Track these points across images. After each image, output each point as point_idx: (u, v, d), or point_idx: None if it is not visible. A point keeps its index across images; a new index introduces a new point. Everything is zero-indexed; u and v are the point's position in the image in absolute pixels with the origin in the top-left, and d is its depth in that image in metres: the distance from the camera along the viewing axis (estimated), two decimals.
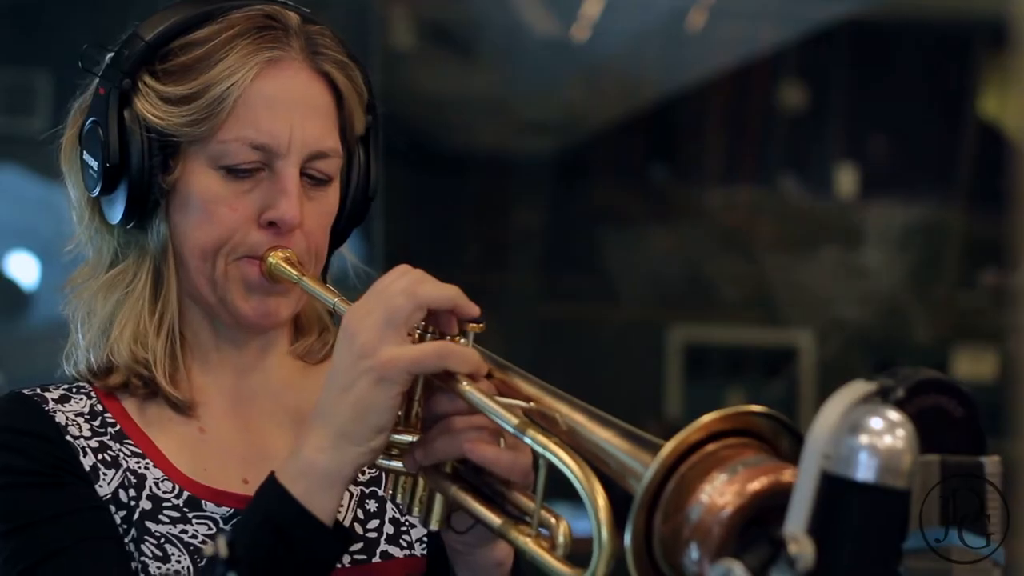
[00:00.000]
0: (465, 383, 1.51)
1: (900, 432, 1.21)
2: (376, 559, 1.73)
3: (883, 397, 1.25)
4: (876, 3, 6.57)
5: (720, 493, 1.29)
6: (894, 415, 1.22)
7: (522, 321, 6.49)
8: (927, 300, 6.78)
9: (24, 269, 5.66)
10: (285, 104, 1.69)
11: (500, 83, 6.33)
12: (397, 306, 1.52)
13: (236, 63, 1.68)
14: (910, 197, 6.86)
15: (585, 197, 6.93)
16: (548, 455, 1.44)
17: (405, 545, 1.75)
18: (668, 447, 1.30)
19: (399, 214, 5.66)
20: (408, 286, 1.53)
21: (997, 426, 4.09)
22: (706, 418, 1.32)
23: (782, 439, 1.34)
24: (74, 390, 1.75)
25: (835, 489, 1.21)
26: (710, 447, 1.32)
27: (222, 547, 1.39)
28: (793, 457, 1.32)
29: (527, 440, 1.46)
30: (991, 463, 1.28)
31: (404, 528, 1.76)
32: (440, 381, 1.54)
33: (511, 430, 1.47)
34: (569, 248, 6.84)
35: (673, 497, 1.31)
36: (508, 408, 1.49)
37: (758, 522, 1.29)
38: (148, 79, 1.71)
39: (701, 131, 7.03)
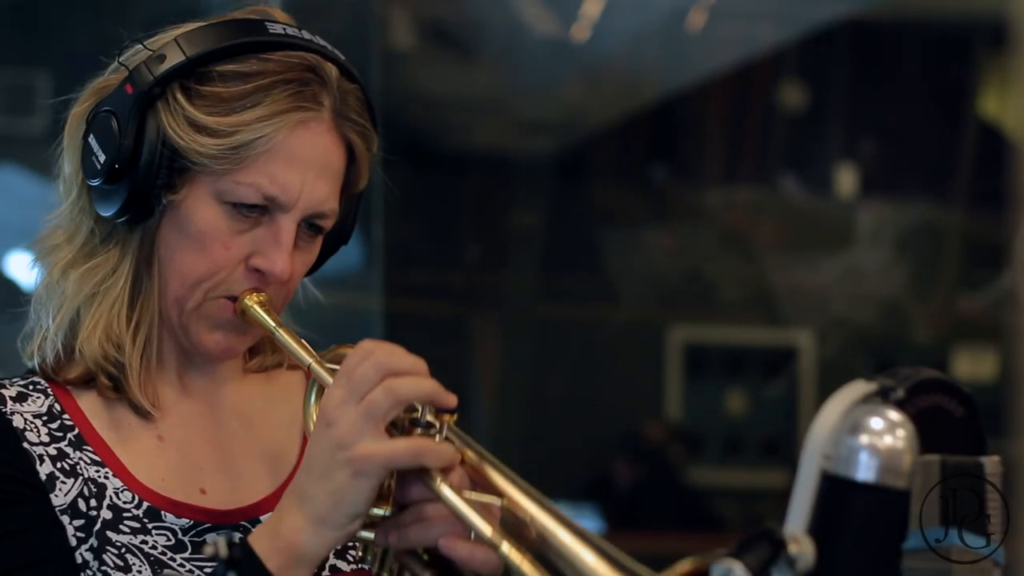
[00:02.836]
0: (439, 481, 1.54)
1: (900, 432, 1.21)
2: (325, 573, 1.74)
3: (883, 397, 1.25)
4: (876, 3, 6.57)
5: None
6: (894, 415, 1.22)
7: (522, 321, 6.49)
8: (927, 300, 6.78)
9: (24, 269, 5.65)
10: (304, 163, 1.69)
11: (500, 83, 6.33)
12: (375, 402, 1.54)
13: (270, 116, 1.67)
14: (910, 197, 6.86)
15: (585, 197, 6.93)
16: (521, 574, 1.48)
17: (352, 560, 1.76)
18: None
19: (399, 214, 5.65)
20: (388, 383, 1.54)
21: (997, 426, 4.09)
22: (683, 568, 1.33)
23: None
24: (30, 387, 1.73)
25: (835, 489, 1.21)
26: None
27: (222, 547, 1.39)
28: None
29: (501, 553, 1.50)
30: (991, 463, 1.28)
31: (352, 543, 1.76)
32: (415, 473, 1.57)
33: (486, 540, 1.51)
34: (569, 248, 6.84)
35: None
36: (482, 509, 1.52)
37: None
38: (179, 95, 1.69)
39: (701, 131, 7.03)
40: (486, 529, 1.51)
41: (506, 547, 1.49)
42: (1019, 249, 4.40)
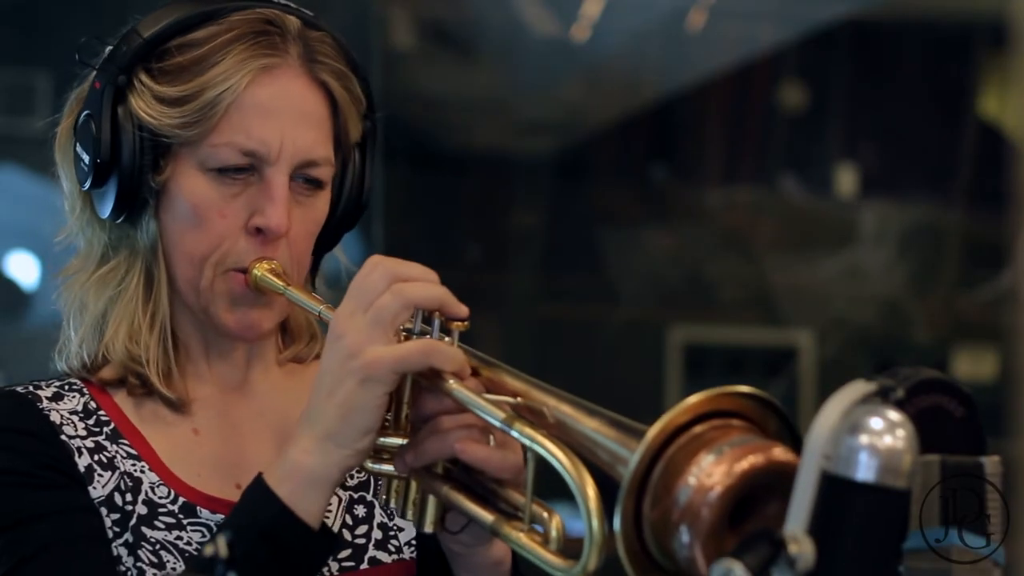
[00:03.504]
0: (451, 381, 1.51)
1: (900, 432, 1.21)
2: (364, 566, 1.73)
3: (883, 397, 1.25)
4: (876, 3, 6.57)
5: (708, 474, 1.29)
6: (894, 415, 1.22)
7: (522, 321, 6.48)
8: (927, 300, 6.77)
9: (24, 269, 5.66)
10: (278, 112, 1.68)
11: (500, 83, 6.33)
12: (383, 306, 1.51)
13: (231, 68, 1.67)
14: (910, 197, 6.85)
15: (585, 197, 6.92)
16: (536, 448, 1.44)
17: (393, 550, 1.74)
18: (654, 430, 1.31)
19: (399, 214, 5.65)
20: (396, 286, 1.52)
21: (997, 426, 4.09)
22: (692, 400, 1.32)
23: (769, 419, 1.34)
24: (66, 387, 1.74)
25: (835, 489, 1.21)
26: (697, 429, 1.32)
27: (222, 547, 1.39)
28: (780, 436, 1.33)
29: (514, 434, 1.46)
30: (991, 463, 1.28)
31: (392, 533, 1.75)
32: (426, 380, 1.54)
33: (498, 425, 1.47)
34: (569, 248, 6.83)
35: (661, 481, 1.31)
36: (495, 404, 1.49)
37: (748, 501, 1.29)
38: (144, 77, 1.70)
39: (701, 131, 7.02)
40: (499, 414, 1.47)
41: (519, 427, 1.45)
42: (1019, 249, 4.40)
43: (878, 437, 1.21)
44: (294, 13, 1.73)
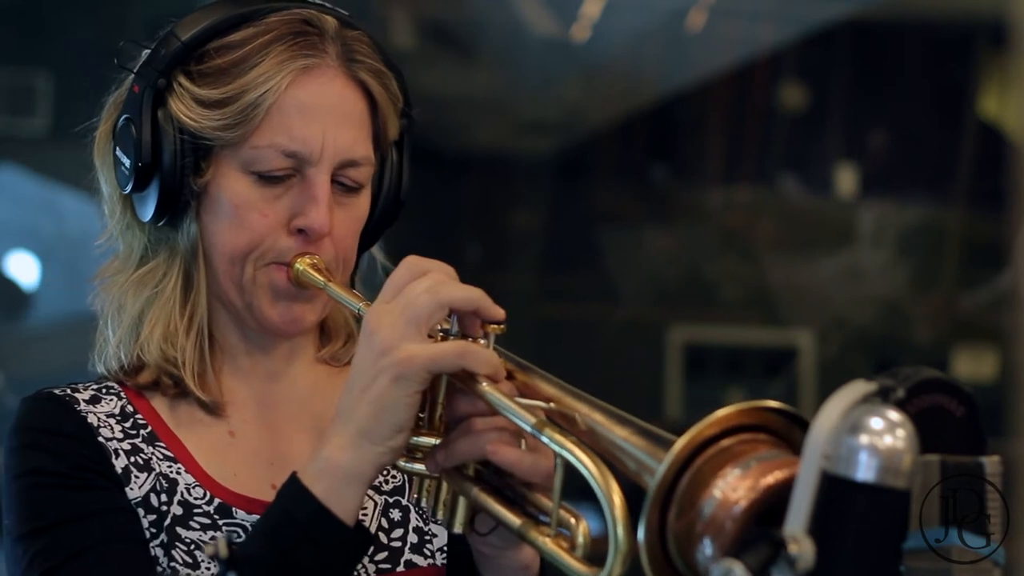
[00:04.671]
0: (485, 384, 1.51)
1: (900, 432, 1.21)
2: (400, 568, 1.73)
3: (883, 397, 1.25)
4: (876, 3, 6.57)
5: (733, 488, 1.29)
6: (894, 415, 1.22)
7: (522, 321, 6.49)
8: (927, 300, 6.77)
9: (24, 269, 5.67)
10: (318, 111, 1.68)
11: (500, 83, 6.33)
12: (419, 304, 1.51)
13: (271, 69, 1.68)
14: (910, 197, 6.85)
15: (585, 197, 6.93)
16: (565, 454, 1.44)
17: (428, 554, 1.75)
18: (681, 442, 1.30)
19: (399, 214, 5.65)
20: (431, 285, 1.53)
21: (997, 426, 4.09)
22: (720, 413, 1.32)
23: (795, 434, 1.34)
24: (104, 390, 1.74)
25: (835, 489, 1.21)
26: (724, 442, 1.32)
27: (222, 547, 1.39)
28: None
29: (544, 439, 1.46)
30: (991, 463, 1.28)
31: (427, 537, 1.75)
32: (460, 382, 1.54)
33: (528, 429, 1.47)
34: (569, 248, 6.83)
35: (687, 492, 1.31)
36: (526, 408, 1.49)
37: (772, 516, 1.29)
38: (183, 80, 1.70)
39: (701, 131, 7.02)
40: (530, 418, 1.47)
41: (549, 432, 1.46)
42: (1019, 249, 4.40)
43: (878, 437, 1.21)
44: (330, 13, 1.74)
